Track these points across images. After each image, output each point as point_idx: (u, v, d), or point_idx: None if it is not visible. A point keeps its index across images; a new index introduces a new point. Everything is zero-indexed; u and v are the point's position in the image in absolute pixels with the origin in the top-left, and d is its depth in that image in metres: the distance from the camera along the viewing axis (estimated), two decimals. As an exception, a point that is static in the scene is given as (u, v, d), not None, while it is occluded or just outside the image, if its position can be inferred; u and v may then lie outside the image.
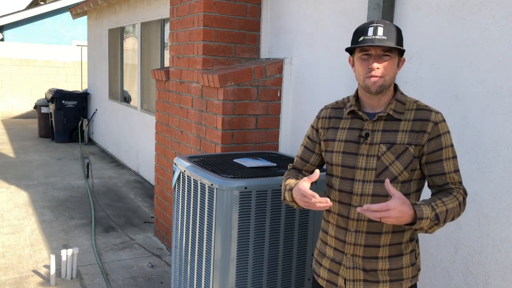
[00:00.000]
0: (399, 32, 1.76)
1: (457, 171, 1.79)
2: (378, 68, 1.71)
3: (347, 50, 1.79)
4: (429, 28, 2.55)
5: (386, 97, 1.81)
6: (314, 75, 3.44)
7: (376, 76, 1.71)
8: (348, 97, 1.95)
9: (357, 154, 1.80)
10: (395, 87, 1.86)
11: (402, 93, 1.84)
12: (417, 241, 1.88)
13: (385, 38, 1.69)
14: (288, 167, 2.11)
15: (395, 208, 1.55)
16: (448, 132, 1.78)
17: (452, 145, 1.78)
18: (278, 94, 3.76)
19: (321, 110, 2.01)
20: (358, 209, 1.58)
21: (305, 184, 1.77)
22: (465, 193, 1.79)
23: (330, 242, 1.91)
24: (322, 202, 1.69)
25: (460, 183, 1.79)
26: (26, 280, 3.89)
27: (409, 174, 1.76)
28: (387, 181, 1.60)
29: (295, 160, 2.09)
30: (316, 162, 2.01)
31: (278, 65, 3.70)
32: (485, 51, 2.26)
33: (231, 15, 3.83)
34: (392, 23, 1.78)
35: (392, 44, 1.70)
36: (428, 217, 1.61)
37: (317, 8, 3.38)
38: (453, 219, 1.72)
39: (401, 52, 1.78)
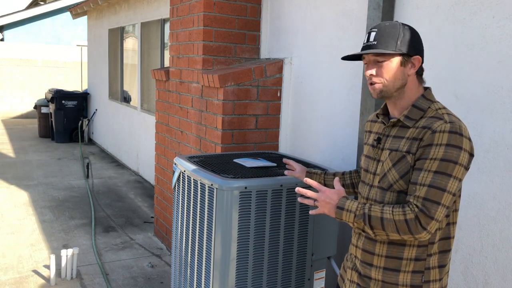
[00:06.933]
0: (397, 32, 1.66)
1: (432, 187, 1.53)
2: (372, 75, 1.70)
3: (347, 59, 1.82)
4: (429, 28, 2.54)
5: (403, 101, 1.72)
6: (314, 75, 3.44)
7: (373, 83, 1.70)
8: None
9: (371, 158, 1.81)
10: (425, 92, 1.73)
11: (428, 99, 1.70)
12: (439, 266, 1.73)
13: (375, 43, 1.66)
14: None
15: (325, 192, 1.70)
16: (446, 145, 1.54)
17: (444, 160, 1.53)
18: (278, 94, 3.76)
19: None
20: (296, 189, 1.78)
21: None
22: (423, 212, 1.53)
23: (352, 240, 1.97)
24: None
25: (425, 199, 1.53)
26: (26, 280, 3.89)
27: (408, 185, 1.64)
28: (306, 178, 1.79)
29: None
30: None
31: (278, 65, 3.70)
32: (485, 51, 2.25)
33: (231, 15, 3.83)
34: (394, 24, 1.68)
35: (380, 47, 1.64)
36: (350, 210, 1.65)
37: (317, 8, 3.38)
38: (398, 233, 1.56)
39: (410, 53, 1.66)
